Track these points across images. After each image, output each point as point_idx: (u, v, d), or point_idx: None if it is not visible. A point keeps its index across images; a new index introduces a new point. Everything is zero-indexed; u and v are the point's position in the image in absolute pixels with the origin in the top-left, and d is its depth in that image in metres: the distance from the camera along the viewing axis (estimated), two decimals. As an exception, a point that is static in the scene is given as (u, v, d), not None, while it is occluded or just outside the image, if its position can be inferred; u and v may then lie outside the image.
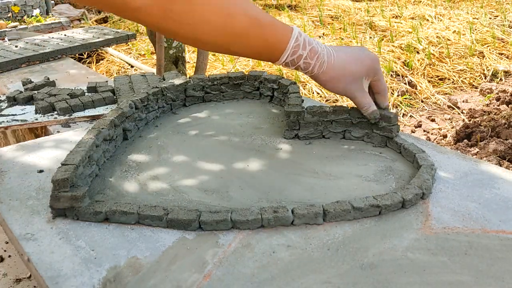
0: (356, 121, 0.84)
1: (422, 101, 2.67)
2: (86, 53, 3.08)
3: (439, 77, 2.94)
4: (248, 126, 0.93)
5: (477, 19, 3.87)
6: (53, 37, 2.08)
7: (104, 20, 4.33)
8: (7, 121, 1.11)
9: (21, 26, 3.17)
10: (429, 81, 2.86)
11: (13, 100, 1.22)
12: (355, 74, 0.77)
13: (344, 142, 0.86)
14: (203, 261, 0.57)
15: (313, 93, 2.62)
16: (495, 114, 2.33)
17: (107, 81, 1.35)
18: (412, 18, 3.95)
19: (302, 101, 0.90)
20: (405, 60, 3.02)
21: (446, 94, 2.78)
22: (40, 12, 3.74)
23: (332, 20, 4.04)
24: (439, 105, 2.64)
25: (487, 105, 2.54)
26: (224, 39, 0.69)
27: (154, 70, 2.17)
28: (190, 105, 1.04)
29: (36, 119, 1.12)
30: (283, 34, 0.72)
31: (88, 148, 0.72)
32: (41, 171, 0.78)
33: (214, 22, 0.66)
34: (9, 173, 0.78)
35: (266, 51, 0.72)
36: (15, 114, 1.15)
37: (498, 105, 2.49)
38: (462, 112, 2.51)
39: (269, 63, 3.00)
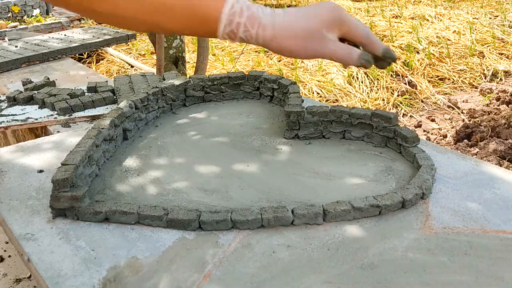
0: (356, 121, 0.84)
1: (422, 101, 2.67)
2: (86, 53, 3.08)
3: (439, 77, 2.94)
4: (248, 126, 0.93)
5: (477, 19, 3.87)
6: (53, 37, 2.09)
7: (104, 20, 4.32)
8: (7, 121, 1.11)
9: (21, 26, 3.17)
10: (429, 81, 2.86)
11: (13, 100, 1.22)
12: (310, 29, 0.66)
13: (344, 142, 0.86)
14: (203, 261, 0.57)
15: (313, 93, 2.62)
16: (495, 114, 2.33)
17: (107, 81, 1.35)
18: (412, 18, 3.95)
19: (302, 101, 0.90)
20: (405, 60, 3.02)
21: (446, 94, 2.78)
22: (40, 12, 3.74)
23: (332, 20, 4.03)
24: (439, 105, 2.64)
25: (487, 105, 2.54)
26: (146, 14, 0.63)
27: (154, 70, 2.17)
28: (190, 105, 1.04)
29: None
30: (216, 2, 0.64)
31: (88, 148, 0.72)
32: (41, 171, 0.78)
33: None
34: (9, 173, 0.78)
35: (199, 24, 0.65)
36: (15, 114, 1.15)
37: (498, 105, 2.49)
38: (462, 112, 2.51)
39: (269, 63, 3.00)
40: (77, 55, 2.68)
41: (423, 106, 2.63)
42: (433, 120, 2.45)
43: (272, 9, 0.67)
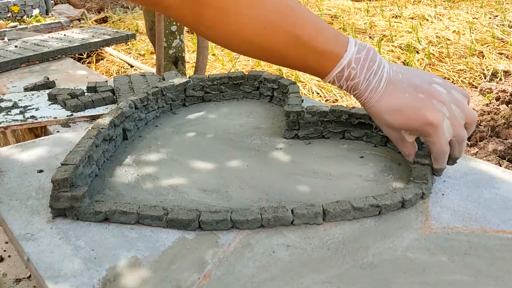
0: (355, 121, 0.84)
1: (421, 101, 2.67)
2: (86, 53, 3.08)
3: (439, 77, 2.94)
4: (248, 126, 0.93)
5: (477, 19, 3.87)
6: (52, 37, 2.08)
7: (104, 20, 4.33)
8: (7, 121, 1.11)
9: (21, 26, 3.17)
10: (428, 81, 2.86)
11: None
12: (420, 100, 0.62)
13: (344, 142, 0.86)
14: (203, 261, 0.57)
15: (312, 93, 2.62)
16: (494, 114, 2.33)
17: (106, 81, 1.35)
18: (412, 18, 3.95)
19: (302, 101, 0.90)
20: (404, 60, 3.02)
21: (446, 94, 2.78)
22: (40, 12, 3.74)
23: (332, 19, 4.04)
24: (439, 105, 2.63)
25: (487, 105, 2.54)
26: (259, 53, 0.62)
27: (154, 70, 2.17)
28: (190, 105, 1.04)
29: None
30: (339, 41, 0.61)
31: (88, 148, 0.72)
32: (40, 171, 0.78)
33: (247, 36, 0.59)
34: (8, 173, 0.78)
35: (309, 70, 0.64)
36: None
37: (498, 105, 2.49)
38: (462, 112, 2.50)
39: (269, 63, 3.00)
40: (76, 55, 2.68)
41: (423, 106, 2.62)
42: (432, 120, 2.45)
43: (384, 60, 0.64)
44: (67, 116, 1.11)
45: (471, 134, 2.09)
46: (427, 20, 3.89)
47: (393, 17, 4.02)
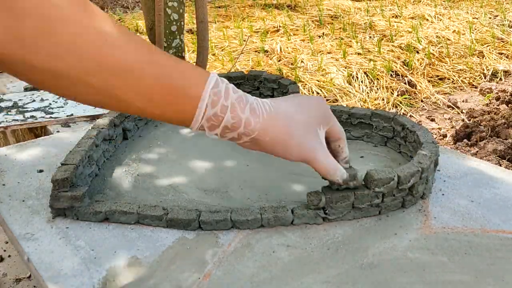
0: (355, 121, 0.84)
1: (421, 101, 2.67)
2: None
3: (439, 77, 2.94)
4: (248, 126, 0.93)
5: (477, 18, 3.87)
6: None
7: (104, 20, 4.32)
8: (7, 121, 1.11)
9: (21, 26, 3.16)
10: (428, 81, 2.86)
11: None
12: (309, 124, 0.56)
13: (344, 142, 0.86)
14: (203, 260, 0.57)
15: (312, 92, 2.62)
16: (494, 114, 2.33)
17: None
18: (412, 18, 3.95)
19: (302, 101, 0.90)
20: (404, 60, 3.02)
21: (446, 93, 2.78)
22: (40, 12, 3.73)
23: (332, 20, 4.04)
24: (439, 104, 2.64)
25: (487, 104, 2.54)
26: (100, 76, 0.45)
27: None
28: (190, 105, 1.04)
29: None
30: (196, 81, 0.50)
31: (88, 148, 0.72)
32: (41, 171, 0.78)
33: (80, 48, 0.43)
34: (8, 173, 0.78)
35: (171, 100, 0.49)
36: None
37: (498, 105, 2.49)
38: (462, 112, 2.51)
39: (269, 62, 3.00)
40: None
41: (423, 106, 2.63)
42: (432, 120, 2.45)
43: (249, 95, 0.56)
44: (67, 116, 1.11)
45: (471, 134, 2.09)
46: (427, 20, 3.89)
47: (393, 17, 4.02)
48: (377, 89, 2.67)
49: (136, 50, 0.47)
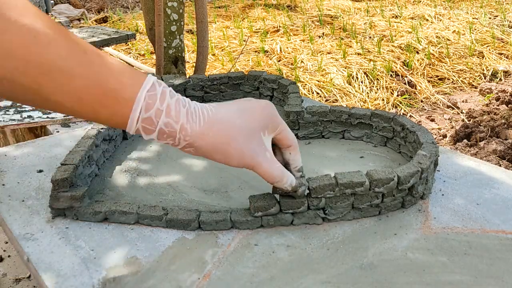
0: (355, 121, 0.84)
1: (421, 101, 2.67)
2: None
3: (439, 77, 2.95)
4: (248, 126, 0.93)
5: (477, 19, 3.87)
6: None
7: (104, 20, 4.33)
8: (4, 121, 1.11)
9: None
10: (428, 81, 2.87)
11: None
12: (250, 129, 0.54)
13: (344, 142, 0.86)
14: (202, 261, 0.57)
15: (312, 93, 2.62)
16: (494, 114, 2.33)
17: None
18: (412, 18, 3.95)
19: (302, 101, 0.90)
20: (404, 60, 3.02)
21: (446, 94, 2.78)
22: (40, 12, 3.73)
23: (332, 20, 4.04)
24: (439, 105, 2.64)
25: (487, 105, 2.54)
26: (28, 75, 0.43)
27: (154, 70, 2.17)
28: (190, 105, 1.04)
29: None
30: (132, 81, 0.48)
31: (87, 148, 0.72)
32: (40, 171, 0.78)
33: (7, 45, 0.41)
34: (8, 173, 0.78)
35: (104, 101, 0.47)
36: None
37: (498, 105, 2.49)
38: (462, 112, 2.51)
39: (269, 62, 3.00)
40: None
41: (423, 106, 2.63)
42: (432, 120, 2.45)
43: (189, 100, 0.53)
44: (64, 116, 1.11)
45: (471, 134, 2.09)
46: (427, 20, 3.89)
47: (393, 17, 4.02)
48: (377, 89, 2.67)
49: (68, 49, 0.45)
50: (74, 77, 0.45)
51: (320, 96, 2.60)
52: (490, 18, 3.93)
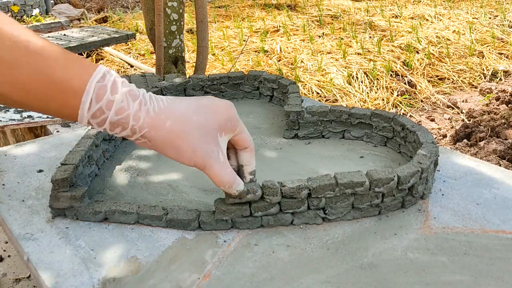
0: (355, 121, 0.84)
1: (421, 101, 2.67)
2: (86, 52, 3.08)
3: (439, 77, 2.94)
4: (248, 126, 0.93)
5: (477, 19, 3.87)
6: (52, 37, 2.08)
7: (104, 20, 4.33)
8: (4, 121, 1.11)
9: (21, 26, 3.16)
10: (428, 81, 2.86)
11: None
12: (207, 128, 0.52)
13: (344, 142, 0.86)
14: (202, 261, 0.57)
15: (312, 93, 2.62)
16: (494, 114, 2.33)
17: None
18: (412, 18, 3.95)
19: (302, 101, 0.90)
20: (404, 60, 3.02)
21: (446, 94, 2.78)
22: (40, 12, 3.74)
23: (332, 19, 4.04)
24: (439, 105, 2.64)
25: (487, 105, 2.54)
26: None
27: (154, 70, 2.17)
28: (190, 105, 1.04)
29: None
30: (81, 71, 0.47)
31: (87, 148, 0.72)
32: (40, 170, 0.78)
33: None
34: (8, 172, 0.78)
35: (52, 93, 0.46)
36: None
37: (498, 105, 2.49)
38: (462, 112, 2.51)
39: (269, 62, 3.00)
40: (76, 55, 2.68)
41: (423, 106, 2.63)
42: (432, 120, 2.45)
43: (145, 91, 0.52)
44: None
45: (471, 134, 2.09)
46: (427, 20, 3.89)
47: (393, 17, 4.02)
48: (377, 89, 2.67)
49: (12, 39, 0.43)
50: (19, 68, 0.44)
51: (320, 96, 2.60)
52: (490, 18, 3.92)
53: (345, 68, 2.85)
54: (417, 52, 3.14)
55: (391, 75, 2.83)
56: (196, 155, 0.52)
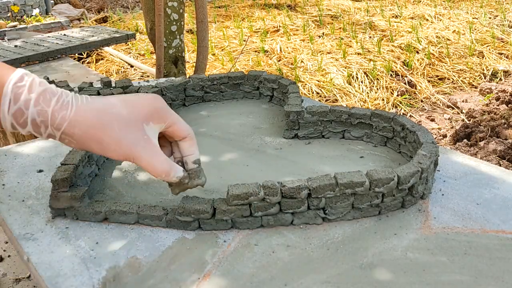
0: (355, 121, 0.84)
1: (421, 101, 2.67)
2: (86, 53, 3.08)
3: (439, 77, 2.94)
4: (248, 126, 0.93)
5: (477, 18, 3.87)
6: (52, 37, 2.08)
7: (104, 20, 4.33)
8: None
9: (21, 26, 3.17)
10: (428, 81, 2.86)
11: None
12: (130, 118, 0.53)
13: (344, 142, 0.86)
14: (202, 261, 0.57)
15: (312, 93, 2.62)
16: (494, 114, 2.33)
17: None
18: (412, 18, 3.95)
19: (302, 101, 0.90)
20: (404, 60, 3.02)
21: (446, 94, 2.78)
22: (40, 12, 3.74)
23: (332, 19, 4.04)
24: (439, 105, 2.64)
25: (487, 105, 2.54)
26: None
27: (154, 70, 2.17)
28: (190, 104, 1.04)
29: None
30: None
31: (87, 148, 0.72)
32: (40, 170, 0.78)
33: None
34: (8, 173, 0.78)
35: None
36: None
37: (498, 105, 2.49)
38: (462, 112, 2.51)
39: (269, 62, 3.00)
40: (76, 54, 2.68)
41: (423, 106, 2.63)
42: (432, 120, 2.45)
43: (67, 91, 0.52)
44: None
45: (471, 134, 2.09)
46: (427, 20, 3.89)
47: (393, 17, 4.02)
48: (377, 89, 2.67)
49: None
50: None
51: (320, 96, 2.60)
52: (490, 18, 3.92)
53: (345, 68, 2.85)
54: (417, 52, 3.15)
55: (391, 75, 2.83)
56: (121, 147, 0.52)
